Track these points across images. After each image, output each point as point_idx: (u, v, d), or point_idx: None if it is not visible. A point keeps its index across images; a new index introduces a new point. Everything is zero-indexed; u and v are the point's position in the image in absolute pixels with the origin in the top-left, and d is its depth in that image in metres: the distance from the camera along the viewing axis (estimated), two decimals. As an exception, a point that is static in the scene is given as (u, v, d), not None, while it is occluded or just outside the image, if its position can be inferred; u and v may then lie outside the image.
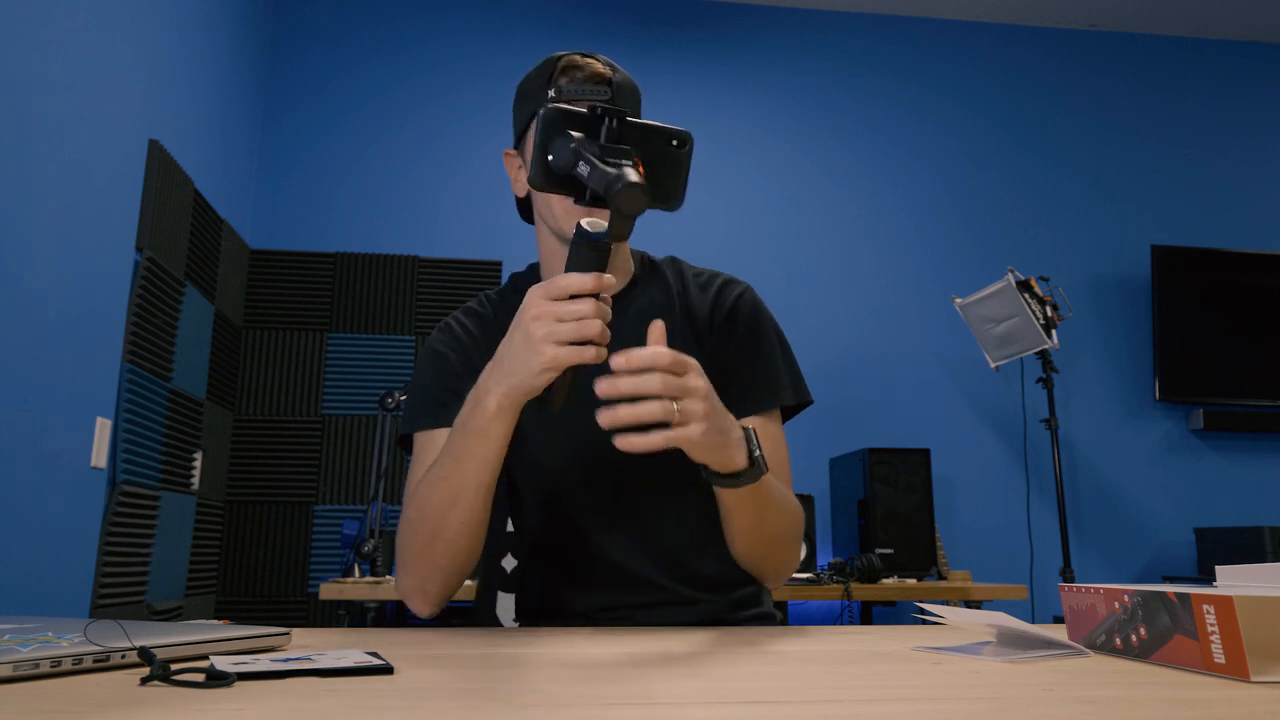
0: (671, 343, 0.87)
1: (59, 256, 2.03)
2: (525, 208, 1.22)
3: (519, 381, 0.87)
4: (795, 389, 1.19)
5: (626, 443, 0.81)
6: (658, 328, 0.85)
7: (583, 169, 0.76)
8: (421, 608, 1.06)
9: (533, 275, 1.23)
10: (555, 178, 0.80)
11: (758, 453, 0.92)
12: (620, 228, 0.77)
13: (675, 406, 0.81)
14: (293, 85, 3.63)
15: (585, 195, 0.79)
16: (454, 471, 0.97)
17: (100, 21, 2.21)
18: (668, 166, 0.82)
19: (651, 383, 0.80)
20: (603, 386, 0.81)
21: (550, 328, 0.82)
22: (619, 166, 0.75)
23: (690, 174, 0.85)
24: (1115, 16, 4.06)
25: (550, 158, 0.78)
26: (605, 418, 0.81)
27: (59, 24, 2.03)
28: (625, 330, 1.12)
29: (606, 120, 0.79)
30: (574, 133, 0.77)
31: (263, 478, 3.25)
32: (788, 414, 1.21)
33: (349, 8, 3.74)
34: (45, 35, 1.97)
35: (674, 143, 0.82)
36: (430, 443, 1.11)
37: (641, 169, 0.77)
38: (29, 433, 1.93)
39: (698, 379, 0.85)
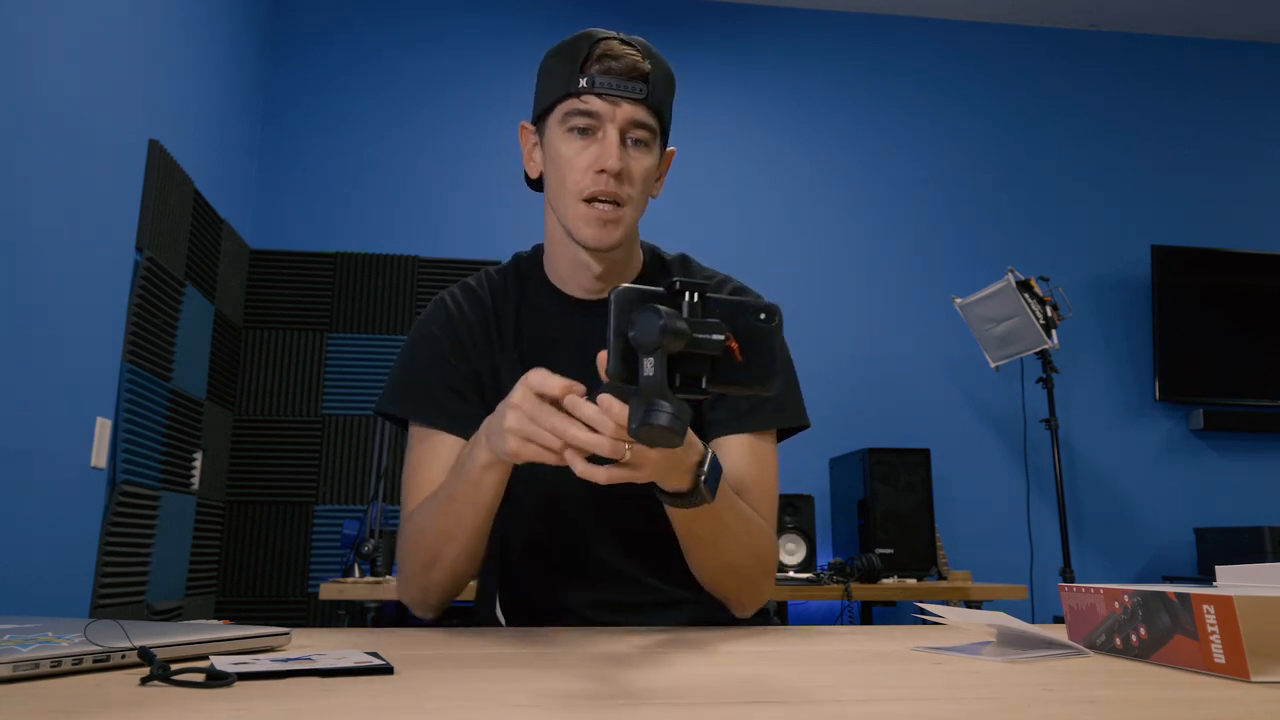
0: None
1: (59, 256, 2.03)
2: (537, 184, 1.17)
3: (498, 449, 0.86)
4: (790, 412, 1.15)
5: (584, 471, 0.80)
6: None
7: (647, 368, 0.67)
8: (424, 614, 1.08)
9: (536, 257, 1.20)
10: (633, 363, 0.69)
11: (704, 481, 0.89)
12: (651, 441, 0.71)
13: (627, 452, 0.79)
14: (293, 85, 3.63)
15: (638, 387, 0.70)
16: (450, 509, 0.97)
17: (100, 21, 2.21)
18: (758, 343, 0.73)
19: (602, 445, 0.78)
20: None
21: (522, 424, 0.81)
22: (663, 407, 0.67)
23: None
24: (1115, 16, 4.06)
25: (631, 334, 0.68)
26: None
27: (59, 24, 2.02)
28: None
29: (686, 295, 0.70)
30: (660, 306, 0.67)
31: (263, 478, 3.25)
32: (783, 435, 1.18)
33: (349, 8, 3.74)
34: (45, 35, 1.97)
35: (761, 316, 0.74)
36: (426, 442, 1.10)
37: (734, 344, 0.71)
38: (29, 433, 1.93)
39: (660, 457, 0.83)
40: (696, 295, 0.70)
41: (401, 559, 1.06)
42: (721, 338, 0.70)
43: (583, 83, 1.03)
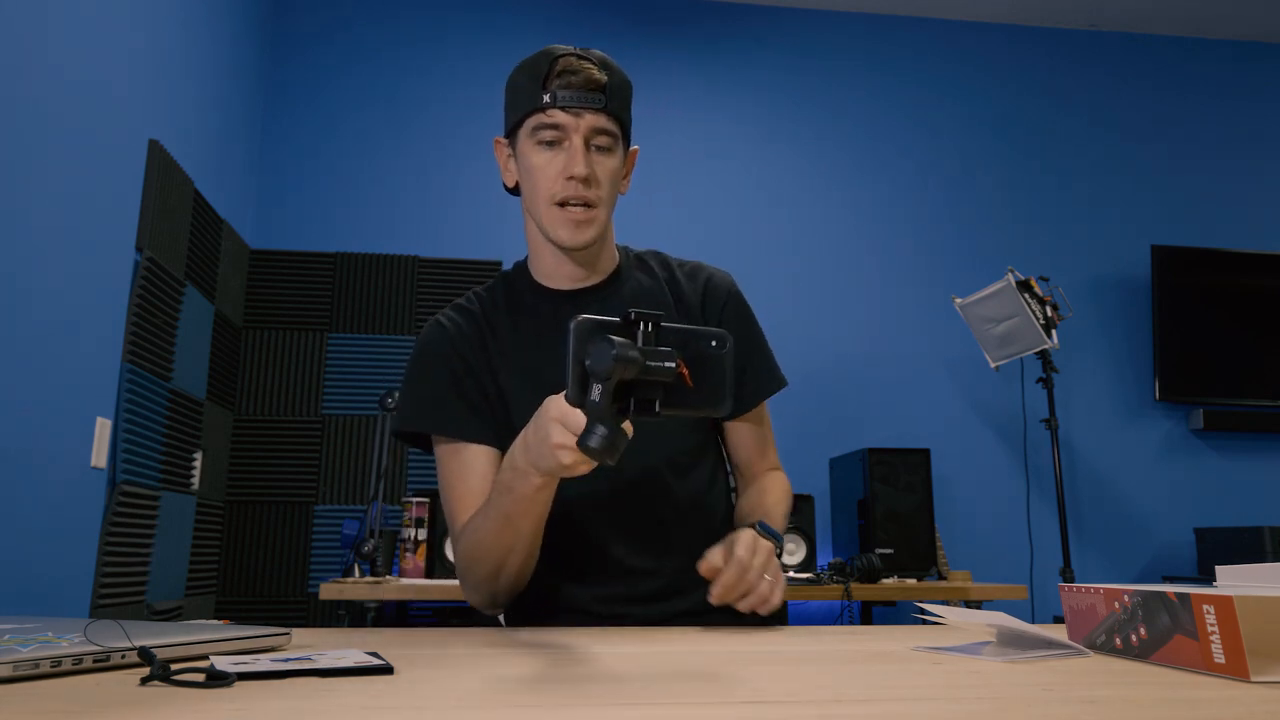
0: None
1: (59, 256, 2.03)
2: (515, 190, 1.26)
3: (548, 468, 0.89)
4: (771, 378, 1.30)
5: (748, 606, 1.00)
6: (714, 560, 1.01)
7: (595, 393, 0.73)
8: (493, 613, 1.15)
9: (520, 267, 1.28)
10: (589, 389, 0.75)
11: (780, 552, 1.07)
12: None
13: (768, 582, 1.00)
14: (293, 85, 3.63)
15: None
16: (508, 527, 1.03)
17: (100, 21, 2.21)
18: (709, 368, 0.78)
19: (744, 586, 0.99)
20: (716, 595, 0.99)
21: (575, 458, 0.84)
22: (599, 431, 0.73)
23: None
24: (1115, 16, 4.06)
25: (588, 362, 0.73)
26: (716, 598, 0.99)
27: (59, 23, 2.02)
28: (618, 313, 1.17)
29: (641, 325, 0.76)
30: (615, 337, 0.72)
31: (263, 478, 3.25)
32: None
33: (349, 8, 3.74)
34: (45, 35, 1.97)
35: (713, 344, 0.79)
36: (456, 457, 1.17)
37: (685, 370, 0.76)
38: (29, 433, 1.93)
39: (773, 562, 1.02)
40: (650, 325, 0.76)
41: (464, 570, 1.13)
42: (673, 365, 0.74)
43: (546, 98, 1.11)
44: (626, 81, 1.18)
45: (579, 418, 0.81)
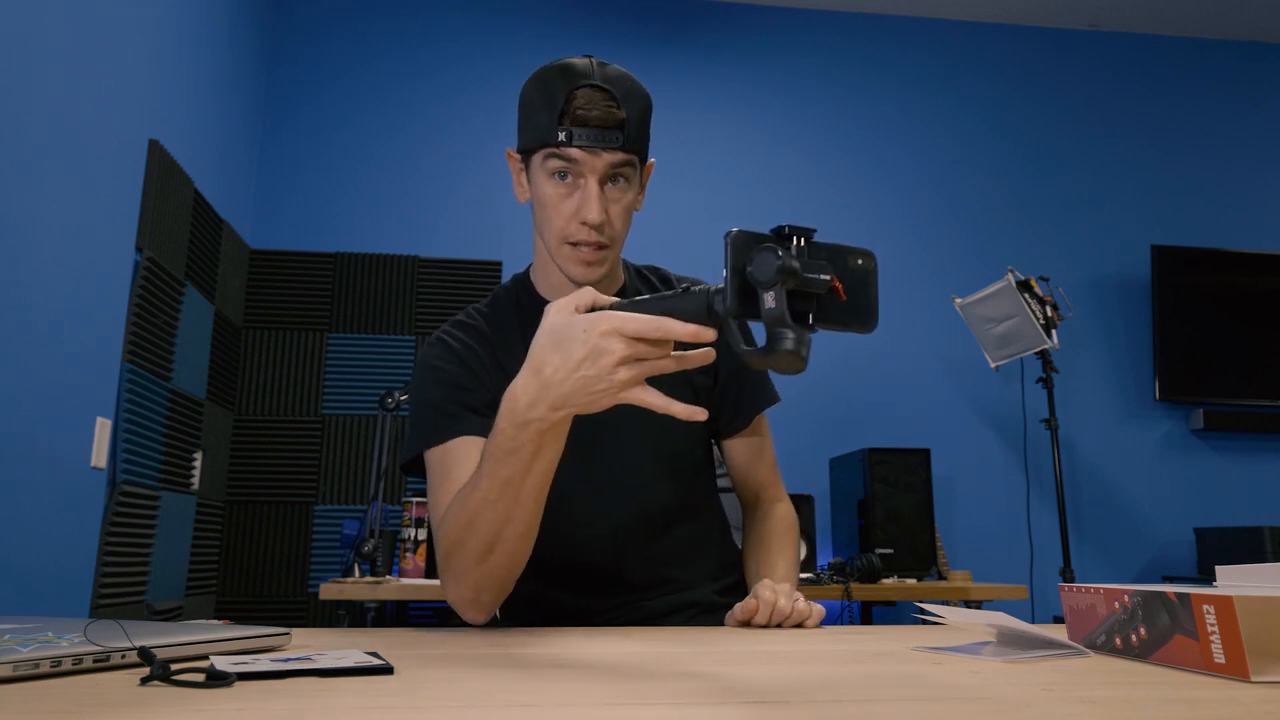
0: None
1: (59, 256, 2.03)
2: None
3: (581, 405, 0.81)
4: (773, 392, 1.32)
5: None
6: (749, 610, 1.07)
7: (769, 301, 0.72)
8: (476, 617, 1.04)
9: (524, 281, 1.24)
10: (751, 300, 0.73)
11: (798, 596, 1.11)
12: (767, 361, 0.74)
13: (804, 604, 1.08)
14: (293, 85, 3.63)
15: (760, 316, 0.74)
16: (505, 493, 0.91)
17: (100, 21, 2.21)
18: (857, 284, 0.78)
19: (779, 615, 1.06)
20: (756, 623, 1.06)
21: (634, 373, 0.78)
22: (787, 335, 0.72)
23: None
24: (1116, 16, 4.06)
25: (750, 269, 0.72)
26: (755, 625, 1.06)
27: (59, 23, 2.02)
28: None
29: (795, 240, 0.75)
30: (776, 247, 0.72)
31: (263, 478, 3.25)
32: None
33: (350, 8, 3.74)
34: (45, 35, 1.97)
35: (859, 261, 0.79)
36: (447, 456, 1.09)
37: (838, 284, 0.76)
38: (29, 433, 1.93)
39: (803, 605, 1.07)
40: (803, 239, 0.76)
41: (449, 559, 1.00)
42: (828, 277, 0.74)
43: (561, 136, 1.05)
44: (647, 105, 1.11)
45: (650, 322, 0.77)
